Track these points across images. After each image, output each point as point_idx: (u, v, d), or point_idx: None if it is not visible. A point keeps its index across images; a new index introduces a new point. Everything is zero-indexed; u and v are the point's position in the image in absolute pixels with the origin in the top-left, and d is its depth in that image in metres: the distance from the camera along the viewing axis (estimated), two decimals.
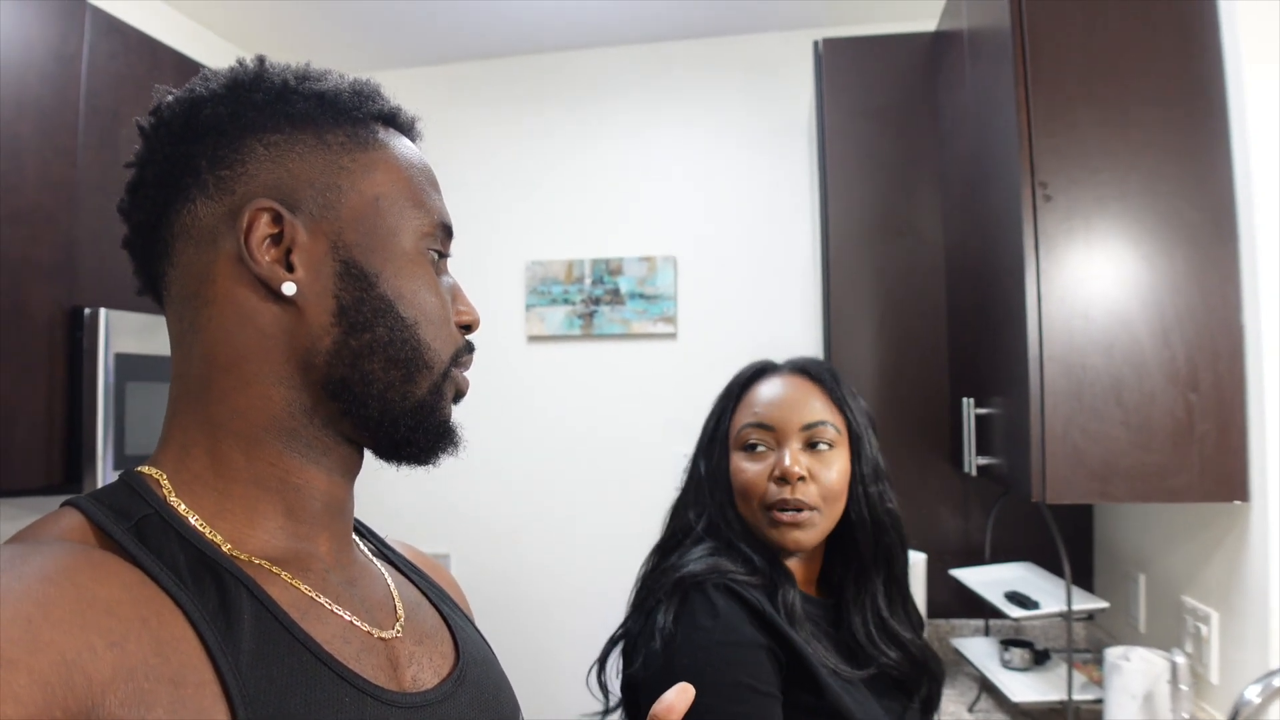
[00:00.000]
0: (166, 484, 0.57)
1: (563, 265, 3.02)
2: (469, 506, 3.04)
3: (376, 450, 0.64)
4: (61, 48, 1.78)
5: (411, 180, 0.64)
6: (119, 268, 1.85)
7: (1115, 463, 1.45)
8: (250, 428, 0.58)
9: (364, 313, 0.59)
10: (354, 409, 0.60)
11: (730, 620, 1.03)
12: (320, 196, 0.60)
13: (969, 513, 2.29)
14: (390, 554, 0.75)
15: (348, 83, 0.64)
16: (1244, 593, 1.46)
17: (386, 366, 0.60)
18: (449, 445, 0.65)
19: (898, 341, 2.32)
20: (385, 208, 0.62)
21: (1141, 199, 1.48)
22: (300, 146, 0.60)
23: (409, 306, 0.61)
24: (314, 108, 0.61)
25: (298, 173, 0.59)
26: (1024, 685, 1.83)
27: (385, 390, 0.60)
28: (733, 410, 1.21)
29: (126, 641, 0.45)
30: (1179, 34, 1.50)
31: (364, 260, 0.60)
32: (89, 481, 1.76)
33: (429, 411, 0.62)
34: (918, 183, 2.33)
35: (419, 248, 0.63)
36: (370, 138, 0.63)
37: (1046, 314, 1.49)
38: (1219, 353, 1.44)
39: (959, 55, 2.03)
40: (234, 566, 0.54)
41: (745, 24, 2.90)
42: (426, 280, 0.63)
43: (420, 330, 0.61)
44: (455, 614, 0.73)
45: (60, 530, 0.52)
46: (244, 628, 0.51)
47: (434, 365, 0.62)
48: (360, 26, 2.85)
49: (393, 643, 0.61)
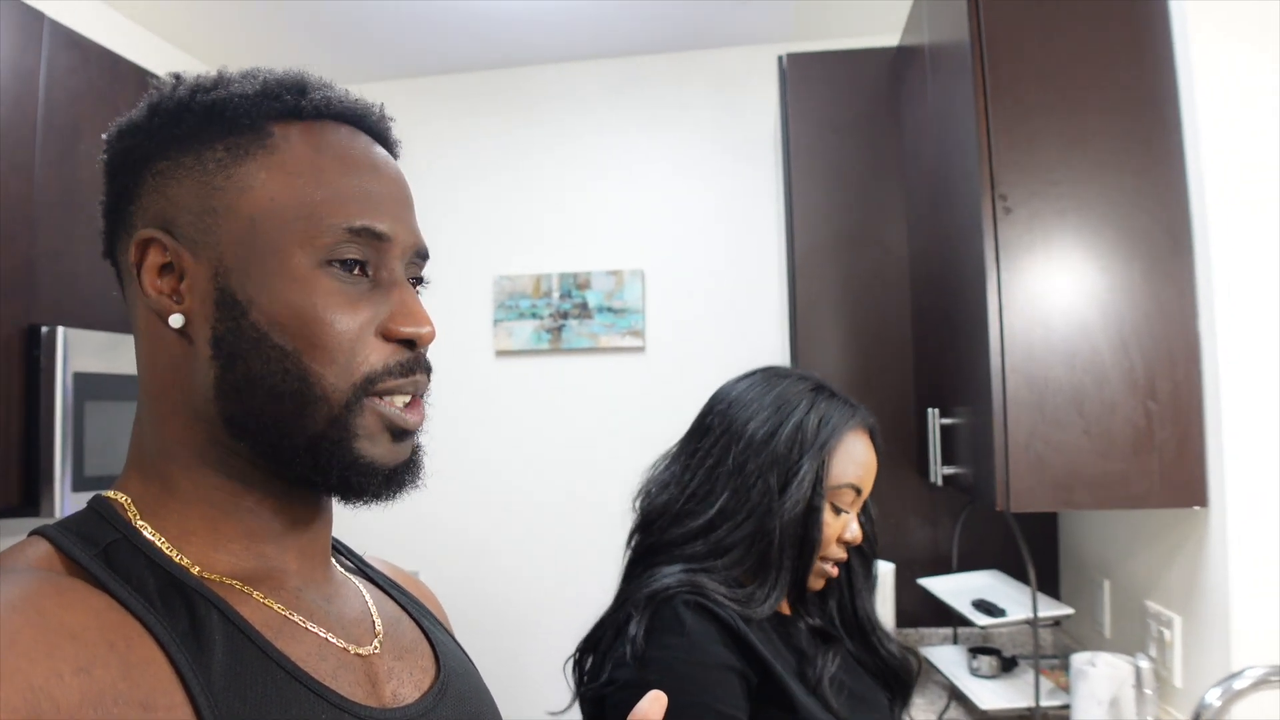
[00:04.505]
0: (132, 508, 0.57)
1: (530, 280, 3.02)
2: (438, 522, 3.02)
3: (292, 484, 0.59)
4: (19, 62, 1.75)
5: (309, 185, 0.57)
6: (78, 285, 1.84)
7: (1078, 471, 1.47)
8: (187, 455, 0.58)
9: (237, 344, 0.55)
10: (252, 444, 0.56)
11: (698, 639, 1.03)
12: (199, 221, 0.57)
13: (936, 522, 2.31)
14: (369, 570, 0.74)
15: (257, 84, 0.59)
16: (1204, 597, 1.48)
17: (270, 401, 0.55)
18: (372, 488, 0.58)
19: (864, 352, 2.34)
20: (264, 226, 0.56)
21: (1099, 211, 1.51)
22: (180, 170, 0.57)
23: (287, 333, 0.55)
24: (201, 124, 0.58)
25: (177, 199, 0.57)
26: (992, 693, 1.85)
27: (275, 425, 0.55)
28: (830, 458, 1.16)
29: (94, 667, 0.44)
30: (1133, 48, 1.53)
31: (238, 286, 0.56)
32: (47, 503, 1.73)
33: (331, 449, 0.56)
34: (882, 195, 2.35)
35: (314, 262, 0.56)
36: (255, 147, 0.57)
37: (1008, 325, 1.51)
38: (1176, 361, 1.46)
39: (920, 70, 2.06)
40: (204, 588, 0.53)
41: (711, 39, 2.92)
42: (321, 299, 0.56)
43: (304, 358, 0.55)
44: (435, 628, 0.72)
45: (27, 559, 0.51)
46: (216, 649, 0.50)
47: (329, 396, 0.55)
48: (327, 40, 2.84)
49: (371, 659, 0.61)
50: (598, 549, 2.95)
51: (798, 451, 1.14)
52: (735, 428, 1.17)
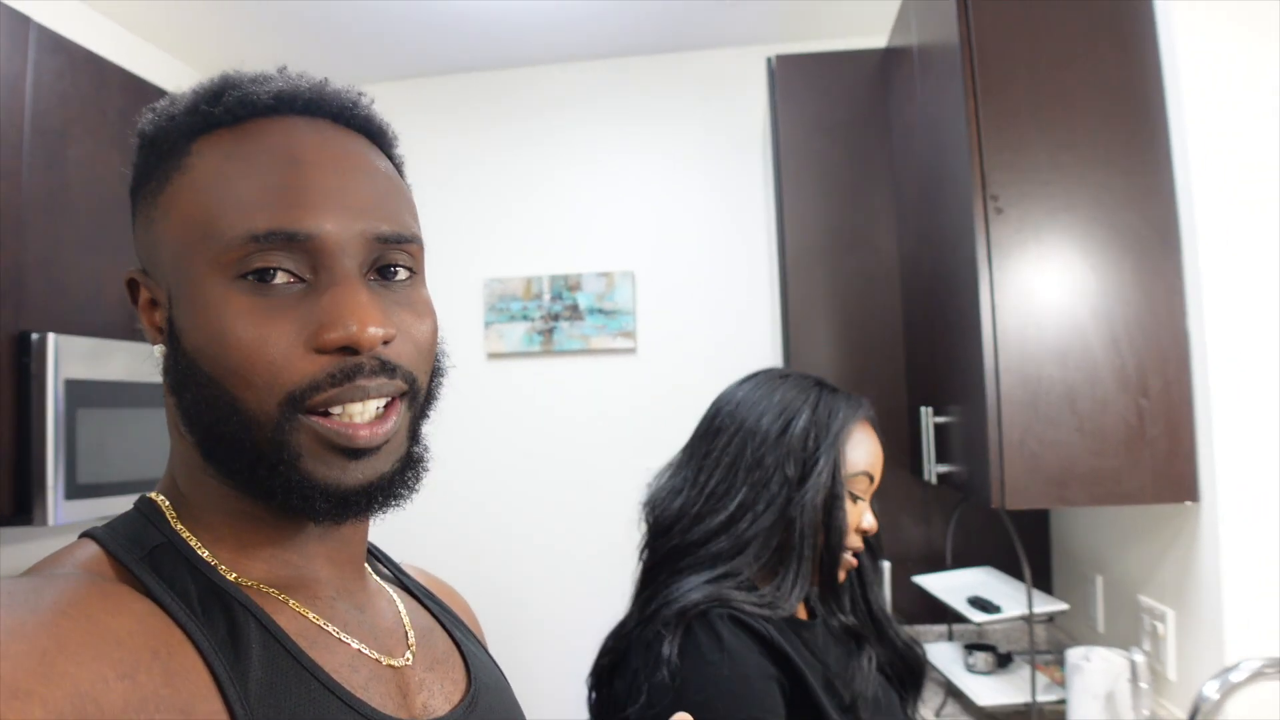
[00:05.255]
0: (170, 511, 0.57)
1: (521, 282, 3.02)
2: (430, 525, 3.01)
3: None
4: (5, 67, 1.74)
5: (212, 199, 0.53)
6: (67, 291, 1.83)
7: (1071, 468, 1.48)
8: (196, 469, 0.58)
9: (178, 375, 0.55)
10: (219, 469, 0.55)
11: (738, 653, 1.03)
12: (151, 257, 0.57)
13: (930, 520, 2.32)
14: (405, 579, 0.74)
15: (185, 102, 0.57)
16: (1197, 590, 1.50)
17: (214, 426, 0.53)
18: (330, 509, 0.54)
19: (856, 352, 2.35)
20: (180, 251, 0.54)
21: (1090, 210, 1.52)
22: (138, 208, 0.59)
23: (207, 360, 0.53)
24: (144, 159, 0.58)
25: (140, 238, 0.59)
26: (989, 689, 1.86)
27: (229, 454, 0.54)
28: (844, 447, 1.20)
29: (137, 673, 0.45)
30: (1121, 48, 1.55)
31: (176, 317, 0.55)
32: (40, 512, 1.71)
33: (275, 473, 0.53)
34: (872, 196, 2.36)
35: (226, 279, 0.52)
36: (174, 171, 0.56)
37: (1001, 324, 1.52)
38: (1167, 359, 1.48)
39: (909, 71, 2.08)
40: (242, 595, 0.54)
41: (699, 40, 2.93)
42: (232, 321, 0.52)
43: (225, 384, 0.52)
44: (468, 639, 0.72)
45: (76, 561, 0.52)
46: (252, 658, 0.51)
47: (257, 420, 0.52)
48: (314, 44, 2.83)
49: (403, 670, 0.61)
50: (591, 550, 2.96)
51: (813, 443, 1.17)
52: (748, 425, 1.19)
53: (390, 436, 0.55)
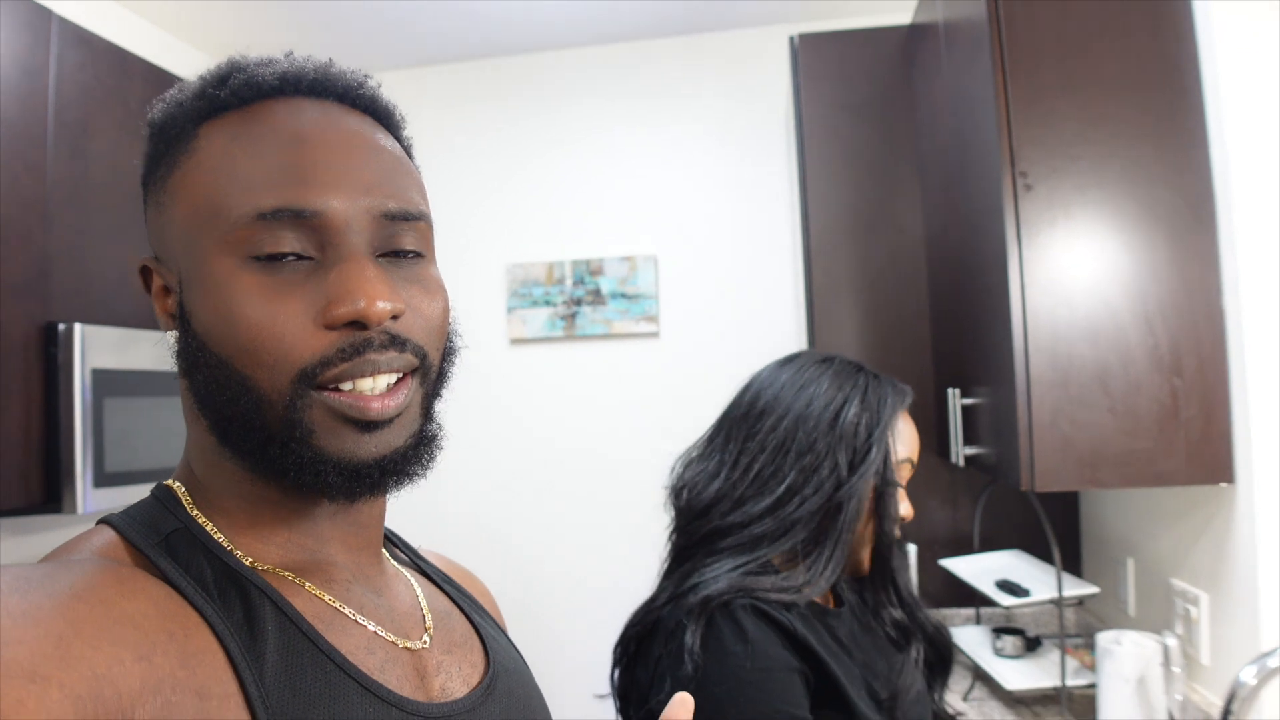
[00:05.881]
0: (186, 497, 0.58)
1: (543, 267, 3.01)
2: (454, 510, 3.02)
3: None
4: (28, 60, 1.75)
5: (220, 181, 0.54)
6: (93, 281, 1.84)
7: (1103, 449, 1.46)
8: (211, 454, 0.58)
9: (189, 358, 0.56)
10: (233, 450, 0.55)
11: (760, 645, 1.02)
12: (162, 242, 0.58)
13: (957, 502, 2.30)
14: (422, 563, 0.74)
15: (192, 88, 0.58)
16: (1232, 574, 1.47)
17: (226, 409, 0.54)
18: (343, 485, 0.54)
19: (881, 334, 2.32)
20: (190, 234, 0.55)
21: (1121, 186, 1.49)
22: (149, 194, 0.60)
23: (217, 341, 0.53)
24: (154, 145, 0.59)
25: (152, 224, 0.59)
26: (1017, 673, 1.84)
27: (242, 434, 0.54)
28: (892, 435, 1.19)
29: (154, 655, 0.45)
30: (1152, 18, 1.51)
31: (187, 300, 0.55)
32: (69, 500, 1.73)
33: (284, 447, 0.53)
34: (897, 175, 2.33)
35: (236, 259, 0.53)
36: (182, 156, 0.56)
37: (1030, 303, 1.49)
38: (1201, 338, 1.45)
39: (935, 47, 2.04)
40: (258, 578, 0.54)
41: (721, 20, 2.89)
42: (242, 298, 0.52)
43: (235, 364, 0.53)
44: (487, 623, 0.72)
45: (93, 547, 0.53)
46: (268, 640, 0.51)
47: (269, 398, 0.53)
48: (334, 32, 2.83)
49: (420, 653, 0.61)
50: (614, 535, 2.96)
51: (864, 431, 1.16)
52: (796, 409, 1.17)
53: (402, 410, 0.55)
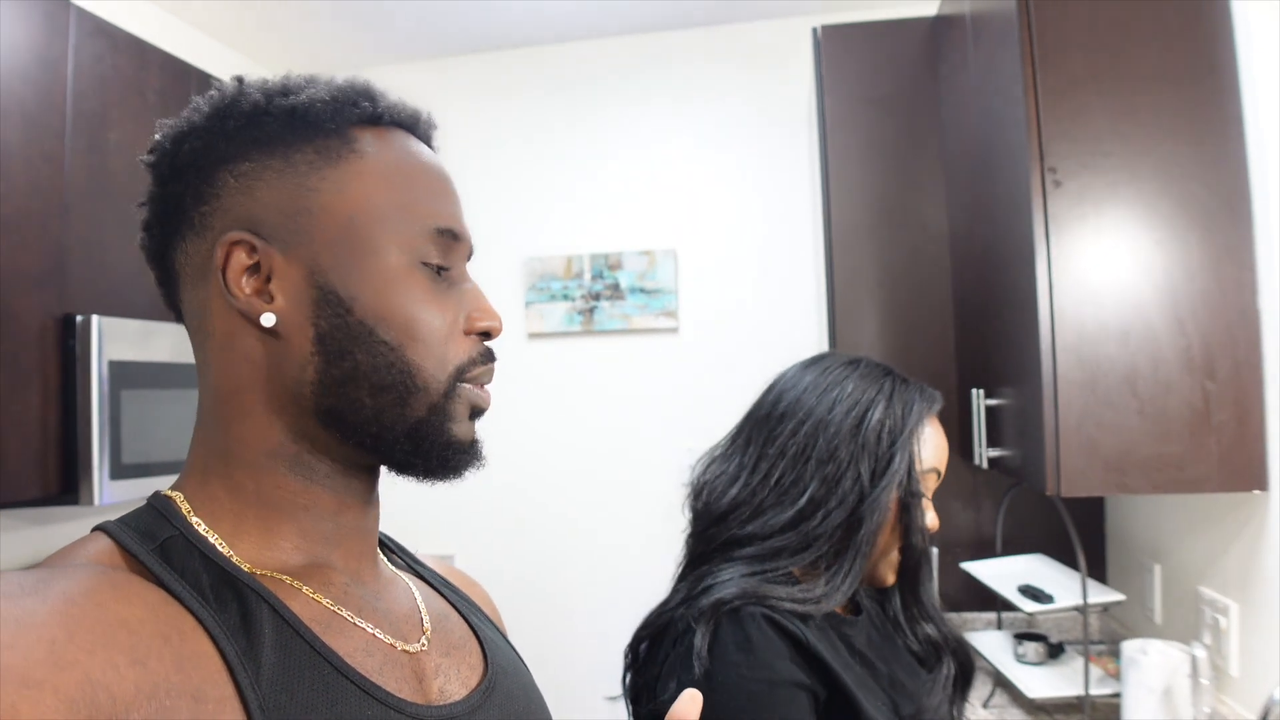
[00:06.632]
0: (186, 506, 0.58)
1: (561, 261, 2.99)
2: (473, 506, 3.02)
3: (389, 469, 0.63)
4: (46, 51, 1.74)
5: (397, 189, 0.61)
6: (110, 273, 1.84)
7: (1131, 453, 1.42)
8: (255, 455, 0.59)
9: (341, 340, 0.58)
10: (350, 436, 0.59)
11: (764, 655, 0.99)
12: (290, 222, 0.58)
13: (980, 505, 2.26)
14: (419, 567, 0.75)
15: (330, 90, 0.61)
16: (1264, 583, 1.43)
17: (374, 393, 0.58)
18: (463, 463, 0.63)
19: (904, 332, 2.28)
20: (361, 225, 0.59)
21: (1153, 183, 1.45)
22: (268, 173, 0.59)
23: (391, 329, 0.58)
24: (283, 127, 0.59)
25: (267, 200, 0.58)
26: (1039, 680, 1.80)
27: (377, 416, 0.59)
28: (917, 444, 1.13)
29: (149, 659, 0.46)
30: (1187, 10, 1.46)
31: (340, 284, 0.58)
32: (86, 492, 1.73)
33: (430, 433, 0.60)
34: (921, 170, 2.29)
35: (408, 261, 0.60)
36: (345, 150, 0.60)
37: (1058, 302, 1.45)
38: (1236, 340, 1.40)
39: (961, 39, 1.99)
40: (255, 583, 0.55)
41: (742, 13, 2.86)
42: (417, 296, 0.60)
43: (407, 352, 0.59)
44: (485, 625, 0.73)
45: (87, 554, 0.53)
46: (265, 643, 0.52)
47: (428, 386, 0.59)
48: (352, 22, 2.82)
49: (418, 655, 0.61)
50: (632, 530, 2.94)
51: (888, 440, 1.10)
52: (818, 414, 1.12)
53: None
